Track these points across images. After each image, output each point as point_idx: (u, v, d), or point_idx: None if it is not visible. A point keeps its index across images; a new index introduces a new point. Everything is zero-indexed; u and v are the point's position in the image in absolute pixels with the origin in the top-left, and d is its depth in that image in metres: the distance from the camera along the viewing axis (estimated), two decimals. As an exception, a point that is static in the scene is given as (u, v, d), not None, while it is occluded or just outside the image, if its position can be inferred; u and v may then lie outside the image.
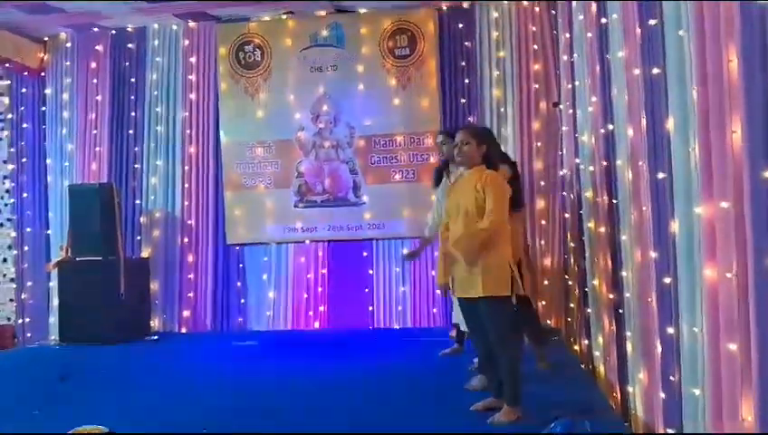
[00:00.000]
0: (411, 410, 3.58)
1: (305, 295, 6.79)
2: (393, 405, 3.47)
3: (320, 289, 6.80)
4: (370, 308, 6.71)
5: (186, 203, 6.90)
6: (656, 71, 2.59)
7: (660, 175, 2.62)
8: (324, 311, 6.75)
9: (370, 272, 6.71)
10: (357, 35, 6.73)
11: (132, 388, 4.30)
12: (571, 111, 5.28)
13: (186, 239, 6.88)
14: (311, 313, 6.78)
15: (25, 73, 7.15)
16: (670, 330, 2.61)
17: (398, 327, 6.59)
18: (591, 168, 4.37)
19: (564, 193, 6.13)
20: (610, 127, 3.65)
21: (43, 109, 7.22)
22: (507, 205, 3.44)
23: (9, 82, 7.30)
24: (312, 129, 6.83)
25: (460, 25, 6.61)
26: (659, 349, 2.79)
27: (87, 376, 4.68)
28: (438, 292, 6.16)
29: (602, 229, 4.05)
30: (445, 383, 4.13)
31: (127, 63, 7.04)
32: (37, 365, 5.34)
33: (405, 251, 5.87)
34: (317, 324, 6.73)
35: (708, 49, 2.03)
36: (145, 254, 6.89)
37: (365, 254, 6.74)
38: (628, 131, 3.18)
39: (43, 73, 7.21)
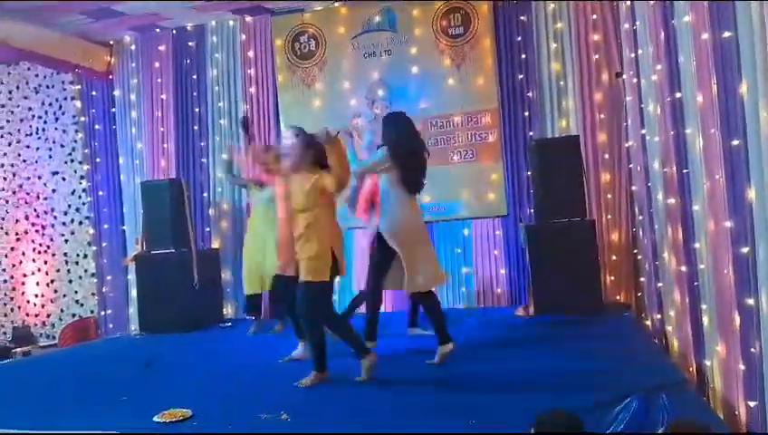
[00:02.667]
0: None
1: (370, 279, 6.87)
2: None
3: (383, 273, 6.87)
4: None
5: (251, 194, 7.09)
6: (727, 34, 2.49)
7: (734, 142, 2.54)
8: (389, 294, 6.82)
9: (432, 254, 6.73)
10: (409, 18, 6.72)
11: (211, 373, 4.48)
12: (634, 80, 5.13)
13: (253, 229, 7.07)
14: (376, 296, 6.86)
15: (94, 77, 7.49)
16: (749, 301, 2.54)
17: (463, 308, 6.60)
18: (658, 138, 4.25)
19: (631, 165, 5.97)
20: (678, 95, 3.54)
21: (113, 110, 7.55)
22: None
23: (80, 86, 7.68)
24: (368, 115, 6.87)
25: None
26: (738, 321, 2.72)
27: (168, 363, 4.91)
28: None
29: (672, 200, 3.94)
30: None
31: (188, 61, 7.26)
32: (121, 354, 5.62)
33: None
34: (382, 307, 6.80)
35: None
36: (215, 244, 7.14)
37: (426, 236, 6.76)
38: (697, 98, 3.08)
39: (110, 76, 7.52)
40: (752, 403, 2.61)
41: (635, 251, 6.07)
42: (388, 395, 3.57)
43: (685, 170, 3.53)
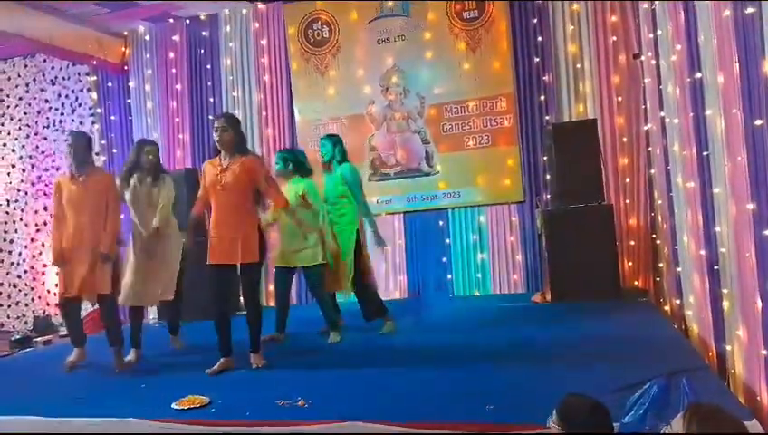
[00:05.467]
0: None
1: (384, 266, 6.87)
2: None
3: (398, 260, 6.87)
4: (449, 277, 6.73)
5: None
6: (750, 10, 2.42)
7: (758, 122, 2.48)
8: (404, 281, 6.82)
9: (447, 241, 6.71)
10: (423, 3, 6.66)
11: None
12: (653, 61, 5.04)
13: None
14: (391, 283, 6.87)
15: (109, 69, 7.52)
16: (773, 285, 2.49)
17: (477, 294, 6.58)
18: (677, 120, 4.18)
19: (650, 148, 5.89)
20: (698, 75, 3.46)
21: (129, 101, 7.58)
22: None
23: (96, 77, 7.72)
24: (382, 101, 6.84)
25: (530, -18, 6.41)
26: (760, 305, 2.66)
27: (186, 350, 4.95)
28: None
29: (692, 184, 3.87)
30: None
31: (202, 51, 7.27)
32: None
33: None
34: (397, 294, 6.81)
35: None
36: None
37: (441, 223, 6.74)
38: (718, 78, 3.01)
39: (125, 67, 7.56)
40: (774, 388, 2.57)
41: (653, 236, 6.00)
42: (406, 381, 3.56)
43: (705, 153, 3.47)
